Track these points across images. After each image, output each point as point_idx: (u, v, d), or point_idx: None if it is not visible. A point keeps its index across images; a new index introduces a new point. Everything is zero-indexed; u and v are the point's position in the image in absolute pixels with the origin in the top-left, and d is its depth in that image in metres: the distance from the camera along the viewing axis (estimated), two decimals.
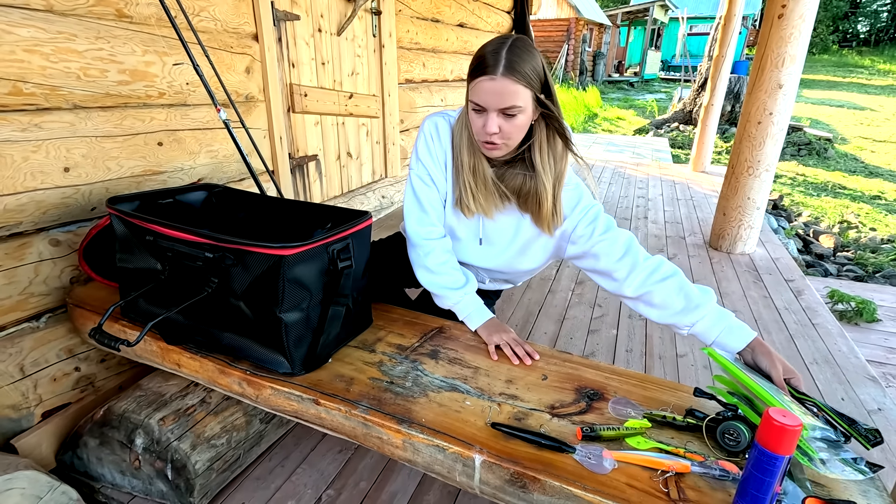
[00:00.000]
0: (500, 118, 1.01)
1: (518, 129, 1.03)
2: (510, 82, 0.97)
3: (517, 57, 0.98)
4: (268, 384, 1.00)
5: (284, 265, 0.93)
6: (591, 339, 2.00)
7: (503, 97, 0.98)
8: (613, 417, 0.95)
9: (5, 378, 1.26)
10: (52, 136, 1.28)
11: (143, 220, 1.04)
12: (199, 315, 1.08)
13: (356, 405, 0.94)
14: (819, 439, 0.79)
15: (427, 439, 0.88)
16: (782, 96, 2.53)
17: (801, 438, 0.76)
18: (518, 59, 0.97)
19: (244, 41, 1.90)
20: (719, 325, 1.03)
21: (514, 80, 0.97)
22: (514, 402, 0.98)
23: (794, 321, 2.16)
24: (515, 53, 0.98)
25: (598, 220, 1.14)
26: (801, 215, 4.85)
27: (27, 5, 1.21)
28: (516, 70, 0.97)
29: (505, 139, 1.04)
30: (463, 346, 1.17)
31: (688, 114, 9.15)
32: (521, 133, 1.05)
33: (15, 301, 1.27)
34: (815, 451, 0.76)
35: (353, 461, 1.37)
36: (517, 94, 0.98)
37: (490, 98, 0.99)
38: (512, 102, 0.99)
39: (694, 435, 0.92)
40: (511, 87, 0.98)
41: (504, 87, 0.98)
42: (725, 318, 1.04)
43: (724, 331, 1.02)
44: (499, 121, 1.01)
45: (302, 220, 1.29)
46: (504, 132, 1.02)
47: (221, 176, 1.85)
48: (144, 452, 1.16)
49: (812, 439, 0.78)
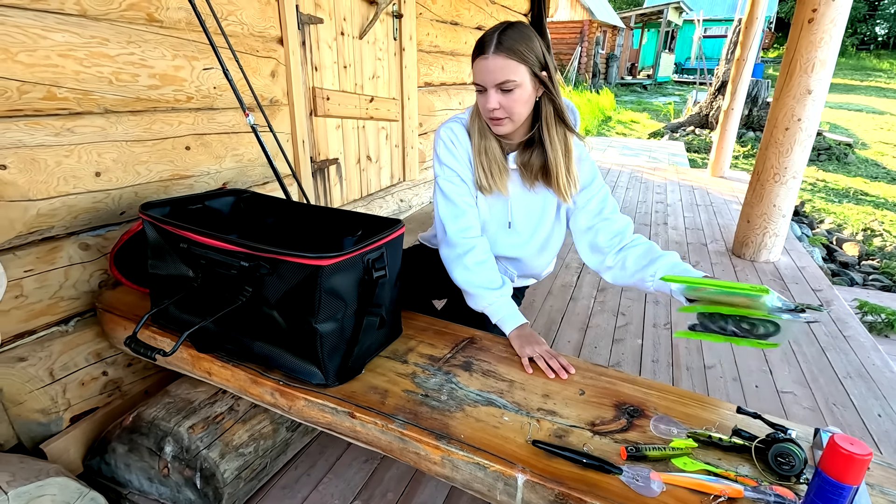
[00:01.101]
0: (499, 94, 1.09)
1: (518, 104, 1.10)
2: (501, 58, 1.06)
3: (509, 37, 1.06)
4: (301, 395, 0.99)
5: (321, 275, 0.91)
6: (615, 349, 1.97)
7: (496, 73, 1.07)
8: (656, 436, 0.92)
9: (35, 382, 1.26)
10: (83, 140, 1.28)
11: (177, 227, 1.03)
12: (231, 323, 1.06)
13: (392, 419, 0.92)
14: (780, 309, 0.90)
15: (467, 456, 0.85)
16: (811, 102, 2.48)
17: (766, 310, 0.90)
18: (510, 38, 1.06)
19: (269, 45, 1.90)
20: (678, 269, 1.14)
21: (505, 56, 1.06)
22: (552, 417, 0.95)
23: (825, 333, 2.11)
24: (508, 35, 1.07)
25: (606, 200, 1.28)
26: (822, 222, 4.76)
27: (61, 10, 1.21)
28: (507, 48, 1.06)
29: (508, 113, 1.11)
30: (496, 357, 1.15)
31: (704, 117, 9.05)
32: (522, 107, 1.12)
33: (46, 305, 1.27)
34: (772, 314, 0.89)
35: (380, 471, 1.36)
36: (509, 69, 1.06)
37: (485, 76, 1.08)
38: (505, 77, 1.07)
39: (741, 456, 0.89)
40: (502, 63, 1.06)
41: (496, 64, 1.06)
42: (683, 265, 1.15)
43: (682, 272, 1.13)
44: (497, 97, 1.09)
45: (331, 227, 1.28)
46: (505, 107, 1.10)
47: (245, 180, 1.84)
48: (174, 460, 1.16)
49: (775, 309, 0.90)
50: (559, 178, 1.20)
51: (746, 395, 1.70)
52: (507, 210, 1.28)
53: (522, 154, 1.22)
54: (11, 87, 1.12)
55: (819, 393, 1.72)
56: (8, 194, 1.14)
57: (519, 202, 1.27)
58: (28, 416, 1.26)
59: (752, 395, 1.70)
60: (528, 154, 1.21)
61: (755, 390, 1.73)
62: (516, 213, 1.28)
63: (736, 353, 1.95)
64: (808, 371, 1.84)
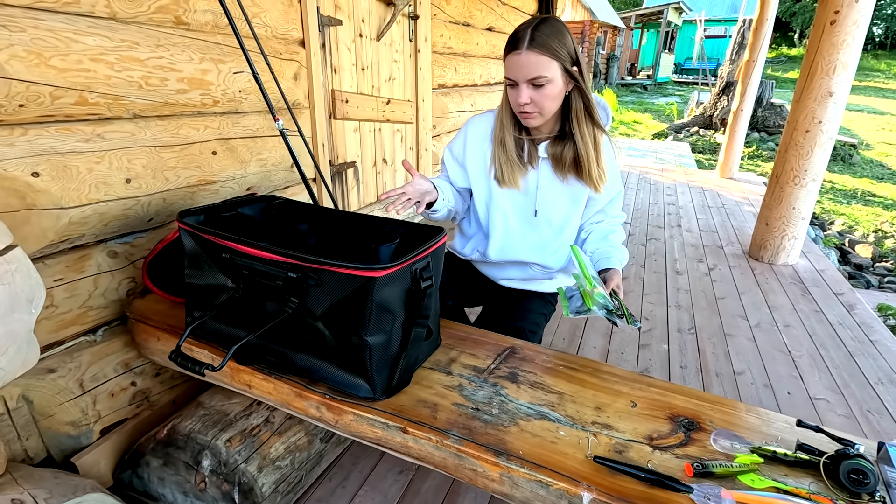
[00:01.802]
0: (530, 89, 1.11)
1: (548, 99, 1.12)
2: (534, 54, 1.07)
3: (542, 33, 1.07)
4: (350, 409, 0.96)
5: (374, 287, 0.89)
6: (642, 355, 1.94)
7: (528, 69, 1.08)
8: (717, 451, 0.90)
9: (66, 394, 1.23)
10: (114, 146, 1.26)
11: (220, 236, 1.00)
12: (273, 335, 1.04)
13: (447, 434, 0.90)
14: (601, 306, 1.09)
15: (528, 474, 0.83)
16: (832, 104, 2.46)
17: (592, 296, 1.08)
18: (543, 34, 1.07)
19: (292, 47, 1.87)
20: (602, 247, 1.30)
21: (538, 52, 1.07)
22: (609, 432, 0.93)
23: (851, 337, 2.09)
24: (541, 30, 1.08)
25: (615, 201, 1.35)
26: (833, 223, 4.75)
27: (92, 13, 1.19)
28: (540, 44, 1.07)
29: (538, 108, 1.13)
30: (540, 368, 1.12)
31: (708, 118, 9.04)
32: (552, 102, 1.13)
33: (75, 314, 1.24)
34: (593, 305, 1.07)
35: (416, 482, 1.33)
36: (541, 65, 1.08)
37: (518, 71, 1.10)
38: (537, 73, 1.08)
39: (806, 471, 0.86)
40: (535, 59, 1.07)
41: (528, 60, 1.08)
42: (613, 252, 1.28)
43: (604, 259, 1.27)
44: (529, 92, 1.11)
45: (365, 235, 1.25)
46: (535, 102, 1.12)
47: (268, 185, 1.81)
48: (211, 474, 1.13)
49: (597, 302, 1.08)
50: (591, 169, 1.22)
51: (780, 402, 1.68)
52: (532, 200, 1.30)
53: (554, 145, 1.24)
54: (45, 93, 1.09)
55: (852, 399, 1.70)
56: (41, 202, 1.11)
57: (548, 192, 1.29)
58: (58, 428, 1.23)
59: (785, 403, 1.68)
60: (560, 146, 1.24)
61: (788, 397, 1.71)
62: (543, 203, 1.30)
63: (764, 358, 1.93)
64: (838, 377, 1.82)
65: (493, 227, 1.35)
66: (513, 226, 1.34)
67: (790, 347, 2.01)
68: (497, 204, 1.32)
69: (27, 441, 1.19)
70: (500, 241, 1.35)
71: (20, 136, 1.08)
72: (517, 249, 1.36)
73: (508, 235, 1.35)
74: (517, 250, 1.36)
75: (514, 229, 1.34)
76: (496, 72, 4.16)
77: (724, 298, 2.43)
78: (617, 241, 1.34)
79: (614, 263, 1.26)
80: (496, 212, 1.33)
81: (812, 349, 2.00)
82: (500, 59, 4.27)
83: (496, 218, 1.33)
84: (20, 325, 0.89)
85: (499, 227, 1.34)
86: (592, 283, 1.09)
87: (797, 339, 2.07)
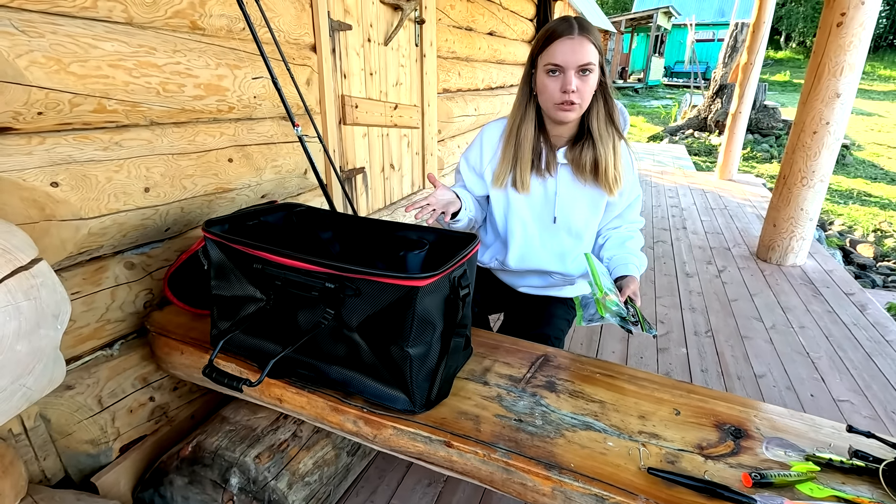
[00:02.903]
0: (577, 77, 1.10)
1: (590, 89, 1.13)
2: (586, 41, 1.08)
3: (586, 24, 1.10)
4: (389, 423, 0.93)
5: (416, 297, 0.86)
6: (662, 359, 1.93)
7: (581, 54, 1.08)
8: (771, 459, 0.88)
9: (84, 412, 1.18)
10: (132, 154, 1.22)
11: (251, 246, 0.97)
12: (304, 347, 1.00)
13: (494, 448, 0.87)
14: (615, 313, 1.09)
15: (583, 487, 0.80)
16: (839, 106, 2.47)
17: (604, 304, 1.07)
18: (588, 25, 1.10)
19: (304, 52, 1.84)
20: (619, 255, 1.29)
21: (588, 39, 1.09)
22: (657, 441, 0.90)
23: (867, 338, 2.09)
24: (584, 22, 1.11)
25: (633, 206, 1.32)
26: (832, 224, 4.78)
27: (109, 18, 1.15)
28: (589, 31, 1.10)
29: (581, 98, 1.12)
30: (577, 376, 1.10)
31: (702, 120, 9.12)
32: (590, 94, 1.14)
33: (93, 328, 1.20)
34: (606, 312, 1.08)
35: (445, 495, 1.30)
36: (591, 53, 1.09)
37: (570, 56, 1.08)
38: (588, 59, 1.09)
39: (862, 479, 0.84)
40: (587, 45, 1.08)
41: (581, 46, 1.08)
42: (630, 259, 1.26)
43: (621, 266, 1.26)
44: (576, 79, 1.10)
45: (390, 242, 1.22)
46: (580, 90, 1.11)
47: (283, 191, 1.78)
48: (240, 493, 1.09)
49: (609, 310, 1.08)
50: (608, 172, 1.21)
51: (804, 404, 1.66)
52: (551, 206, 1.28)
53: (572, 149, 1.23)
54: (63, 100, 1.06)
55: (876, 401, 1.69)
56: (60, 213, 1.07)
57: (567, 198, 1.27)
58: (77, 447, 1.18)
59: (809, 405, 1.67)
60: (579, 149, 1.22)
61: (812, 399, 1.70)
62: (562, 209, 1.28)
63: (783, 360, 1.92)
64: (859, 378, 1.82)
65: (512, 235, 1.32)
66: (532, 233, 1.32)
67: (808, 349, 2.00)
68: (515, 211, 1.30)
69: (44, 461, 1.14)
70: (519, 250, 1.33)
71: (38, 145, 1.04)
72: (537, 257, 1.33)
73: (528, 243, 1.32)
74: (537, 258, 1.33)
75: (534, 237, 1.32)
76: (497, 76, 4.16)
77: (737, 300, 2.42)
78: (634, 247, 1.32)
79: (631, 270, 1.24)
80: (514, 219, 1.31)
81: (830, 351, 1.99)
82: (501, 64, 4.27)
83: (515, 226, 1.31)
84: (46, 341, 0.85)
85: (517, 234, 1.31)
86: (603, 290, 1.08)
87: (814, 340, 2.07)
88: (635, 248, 1.31)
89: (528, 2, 4.60)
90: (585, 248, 1.34)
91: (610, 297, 1.07)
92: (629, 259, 1.27)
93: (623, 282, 1.20)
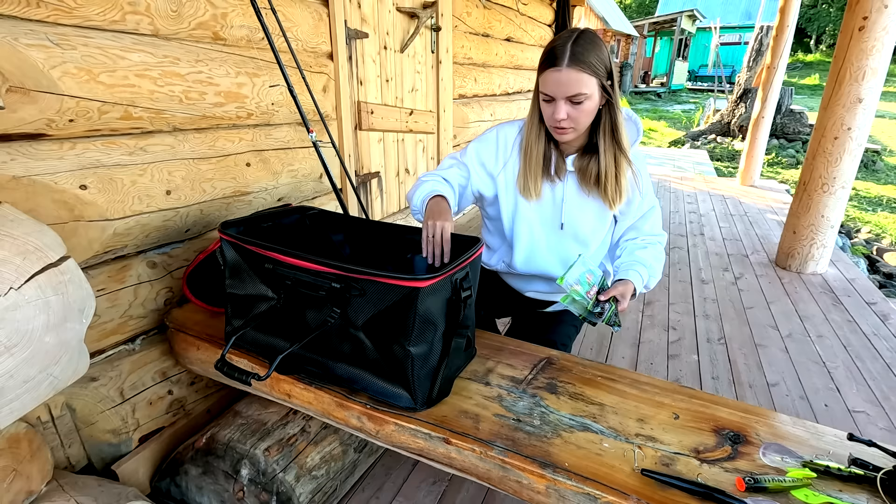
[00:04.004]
0: (568, 105, 1.10)
1: (585, 114, 1.12)
2: (575, 72, 1.05)
3: (582, 48, 1.06)
4: (391, 420, 0.96)
5: (418, 297, 0.89)
6: (672, 365, 1.92)
7: (569, 86, 1.07)
8: (767, 465, 0.88)
9: (107, 402, 1.25)
10: (155, 159, 1.29)
11: (263, 247, 1.02)
12: (313, 344, 1.04)
13: (491, 446, 0.89)
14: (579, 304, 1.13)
15: (576, 486, 0.82)
16: (862, 111, 2.43)
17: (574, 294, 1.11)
18: (583, 50, 1.06)
19: (321, 60, 1.90)
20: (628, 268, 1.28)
21: (578, 69, 1.05)
22: (653, 444, 0.91)
23: (888, 348, 2.04)
24: (580, 45, 1.06)
25: (648, 217, 1.32)
26: (859, 231, 4.65)
27: (136, 30, 1.22)
28: (581, 60, 1.05)
29: (574, 124, 1.12)
30: (578, 378, 1.11)
31: (726, 125, 8.96)
32: (588, 118, 1.13)
33: (116, 324, 1.27)
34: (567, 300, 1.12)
35: (450, 494, 1.32)
36: (582, 83, 1.06)
37: (557, 88, 1.08)
38: (577, 90, 1.07)
39: (860, 487, 0.84)
40: (575, 76, 1.06)
41: (569, 77, 1.06)
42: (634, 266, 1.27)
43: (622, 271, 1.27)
44: (567, 108, 1.10)
45: (399, 245, 1.26)
46: (572, 118, 1.11)
47: (299, 195, 1.84)
48: (250, 484, 1.13)
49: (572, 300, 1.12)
50: (608, 186, 1.22)
51: (818, 414, 1.64)
52: (558, 212, 1.30)
53: (581, 159, 1.24)
54: (93, 108, 1.13)
55: (893, 412, 1.65)
56: (88, 214, 1.14)
57: (574, 205, 1.28)
58: (99, 436, 1.25)
59: (822, 415, 1.64)
60: (587, 160, 1.23)
61: (825, 409, 1.67)
62: (570, 215, 1.29)
63: (798, 369, 1.89)
64: (877, 389, 1.78)
65: (518, 238, 1.33)
66: (538, 237, 1.33)
67: (825, 359, 1.96)
68: (523, 215, 1.31)
69: (69, 448, 1.21)
70: (524, 252, 1.34)
71: (69, 150, 1.11)
72: (542, 261, 1.34)
73: (534, 246, 1.34)
74: (542, 262, 1.35)
75: (540, 240, 1.33)
76: (514, 81, 4.18)
77: (753, 308, 2.39)
78: (644, 256, 1.30)
79: (630, 276, 1.24)
80: (521, 223, 1.32)
81: (847, 360, 1.95)
82: (518, 69, 4.30)
83: (521, 229, 1.32)
84: (72, 334, 0.91)
85: (524, 237, 1.33)
86: (564, 279, 1.11)
87: (831, 349, 2.03)
88: (645, 257, 1.30)
89: (546, 7, 4.62)
90: (593, 256, 1.36)
91: (575, 288, 1.11)
92: (632, 266, 1.27)
93: (615, 283, 1.22)
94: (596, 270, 1.22)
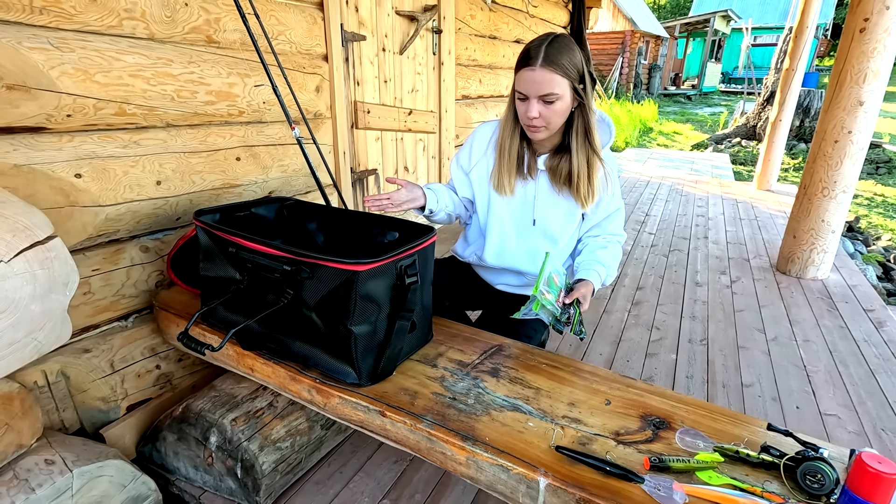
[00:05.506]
0: (540, 104, 1.15)
1: (556, 114, 1.17)
2: (548, 72, 1.11)
3: (555, 50, 1.11)
4: (336, 393, 1.05)
5: (357, 280, 0.97)
6: (648, 363, 1.94)
7: (541, 85, 1.12)
8: (681, 449, 0.92)
9: (98, 372, 1.37)
10: (147, 152, 1.40)
11: (226, 232, 1.12)
12: (273, 323, 1.14)
13: (421, 419, 0.96)
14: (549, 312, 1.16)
15: (491, 458, 0.88)
16: (863, 114, 2.38)
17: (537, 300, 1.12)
18: (556, 52, 1.11)
19: (315, 62, 2.00)
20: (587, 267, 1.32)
21: (551, 70, 1.11)
22: (577, 425, 0.97)
23: (875, 355, 2.01)
24: (554, 47, 1.12)
25: (612, 218, 1.37)
26: (879, 239, 4.50)
27: (133, 34, 1.34)
28: (553, 62, 1.11)
29: (545, 122, 1.18)
30: (523, 365, 1.17)
31: (751, 128, 8.74)
32: (560, 117, 1.19)
33: (109, 302, 1.39)
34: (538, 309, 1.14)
35: (409, 472, 1.40)
36: (554, 83, 1.12)
37: (530, 86, 1.14)
38: (549, 90, 1.13)
39: (770, 473, 0.88)
40: (548, 77, 1.11)
41: (542, 77, 1.12)
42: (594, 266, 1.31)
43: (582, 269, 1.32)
44: (539, 107, 1.15)
45: (369, 232, 1.34)
46: (544, 116, 1.16)
47: (290, 189, 1.94)
48: (217, 450, 1.24)
49: (543, 308, 1.14)
50: (580, 186, 1.27)
51: (787, 416, 1.64)
52: (530, 209, 1.35)
53: (552, 158, 1.29)
54: (88, 105, 1.25)
55: (866, 417, 1.64)
56: (82, 200, 1.26)
57: (545, 202, 1.34)
58: (90, 403, 1.37)
59: (792, 417, 1.64)
60: (558, 159, 1.28)
61: (796, 412, 1.67)
62: (541, 212, 1.35)
63: (776, 372, 1.89)
64: (854, 394, 1.76)
65: (490, 232, 1.40)
66: (508, 232, 1.39)
67: (806, 362, 1.95)
68: (495, 210, 1.38)
69: (64, 413, 1.34)
70: (496, 246, 1.41)
71: (67, 143, 1.24)
72: (512, 256, 1.40)
73: (504, 241, 1.40)
74: (512, 257, 1.40)
75: (510, 236, 1.39)
76: None
77: (743, 311, 2.38)
78: (604, 255, 1.35)
79: (590, 276, 1.28)
80: (494, 218, 1.39)
81: (830, 365, 1.94)
82: None
83: (493, 223, 1.39)
84: (56, 304, 1.03)
85: (495, 232, 1.39)
86: (538, 288, 1.13)
87: (815, 354, 2.01)
88: (605, 256, 1.35)
89: (560, 9, 4.63)
90: (561, 252, 1.41)
91: (546, 297, 1.13)
92: (592, 265, 1.32)
93: (577, 285, 1.26)
94: (561, 270, 1.27)
